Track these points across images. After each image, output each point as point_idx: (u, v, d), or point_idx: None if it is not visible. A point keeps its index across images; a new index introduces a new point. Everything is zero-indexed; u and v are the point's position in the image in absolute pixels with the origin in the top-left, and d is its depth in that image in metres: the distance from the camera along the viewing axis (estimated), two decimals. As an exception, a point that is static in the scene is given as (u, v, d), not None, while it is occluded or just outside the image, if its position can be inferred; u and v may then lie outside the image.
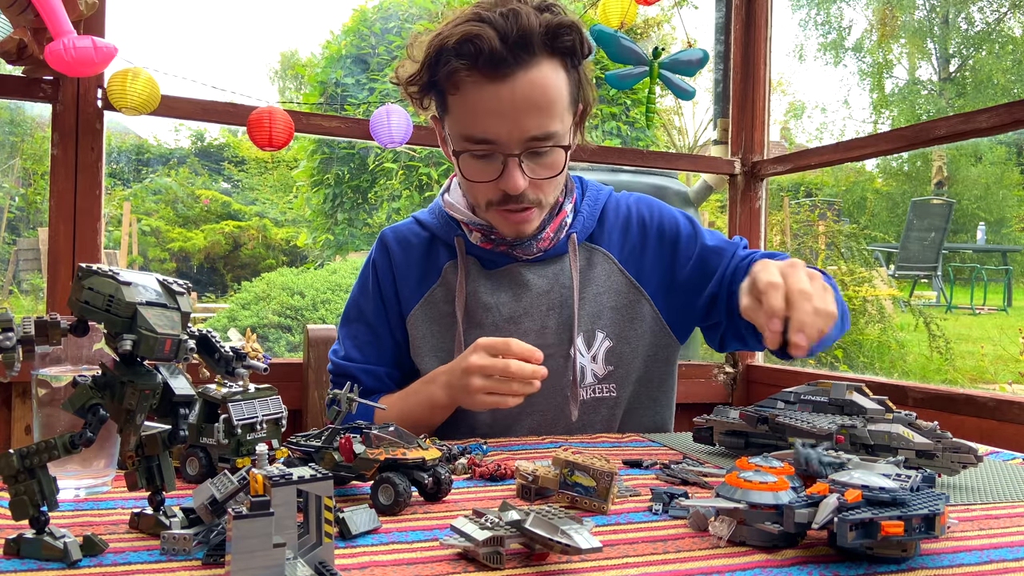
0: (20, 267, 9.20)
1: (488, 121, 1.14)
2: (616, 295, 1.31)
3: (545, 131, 1.15)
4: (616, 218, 1.36)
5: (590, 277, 1.31)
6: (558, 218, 1.29)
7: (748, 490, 0.70)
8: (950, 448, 0.90)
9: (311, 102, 7.49)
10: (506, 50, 1.10)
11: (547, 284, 1.29)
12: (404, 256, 1.34)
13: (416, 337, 1.31)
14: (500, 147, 1.15)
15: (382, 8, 7.71)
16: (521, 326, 1.28)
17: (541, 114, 1.14)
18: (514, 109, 1.12)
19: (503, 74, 1.11)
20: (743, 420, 1.03)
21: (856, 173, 17.23)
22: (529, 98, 1.12)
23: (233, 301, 5.69)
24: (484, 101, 1.13)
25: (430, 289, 1.32)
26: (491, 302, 1.28)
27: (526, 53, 1.11)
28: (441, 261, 1.32)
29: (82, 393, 0.64)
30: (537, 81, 1.12)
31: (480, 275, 1.29)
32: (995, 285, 9.90)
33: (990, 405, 1.63)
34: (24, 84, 1.63)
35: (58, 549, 0.63)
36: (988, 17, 18.69)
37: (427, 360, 1.30)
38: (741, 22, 2.38)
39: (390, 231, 1.38)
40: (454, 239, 1.31)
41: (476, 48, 1.09)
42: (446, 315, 1.30)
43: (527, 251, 1.28)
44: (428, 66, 1.16)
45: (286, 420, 0.82)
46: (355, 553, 0.66)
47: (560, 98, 1.15)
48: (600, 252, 1.33)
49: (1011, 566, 0.66)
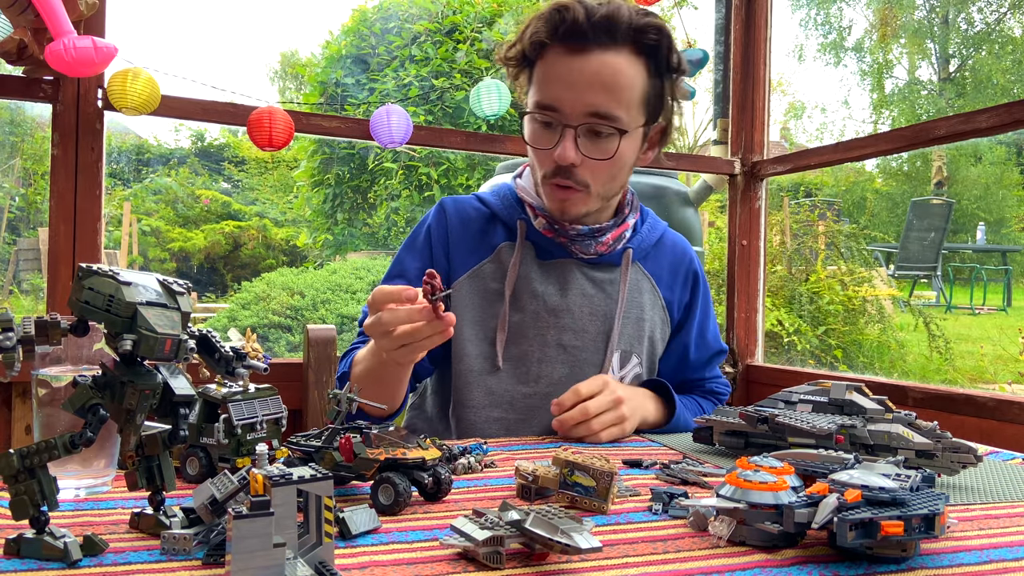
0: (20, 267, 9.20)
1: (556, 88, 1.20)
2: (658, 328, 1.38)
3: (607, 110, 1.19)
4: (671, 256, 1.42)
5: (638, 301, 1.35)
6: (620, 228, 1.33)
7: (748, 490, 0.70)
8: (950, 448, 0.90)
9: (311, 102, 7.49)
10: (588, 26, 1.17)
11: (594, 288, 1.33)
12: (461, 226, 1.36)
13: (458, 305, 1.31)
14: (562, 116, 1.20)
15: (382, 8, 7.71)
16: (561, 320, 1.31)
17: (606, 93, 1.18)
18: (582, 81, 1.18)
19: (580, 47, 1.18)
20: (743, 420, 1.03)
21: (856, 173, 17.24)
22: (598, 74, 1.18)
23: (233, 301, 5.69)
24: (557, 68, 1.20)
25: (479, 263, 1.33)
26: (539, 290, 1.31)
27: (607, 36, 1.18)
28: (496, 240, 1.34)
29: (82, 393, 0.64)
30: (610, 63, 1.18)
31: (533, 262, 1.32)
32: (995, 285, 9.90)
33: (990, 405, 1.63)
34: (24, 84, 1.63)
35: (58, 549, 0.63)
36: (988, 17, 18.70)
37: (466, 329, 1.30)
38: (741, 22, 2.38)
39: (450, 200, 1.40)
40: (516, 221, 1.33)
41: (561, 17, 1.18)
42: (491, 292, 1.31)
43: (585, 250, 1.31)
44: (521, 33, 1.24)
45: (286, 420, 0.82)
46: (355, 553, 0.67)
47: (630, 88, 1.20)
48: (648, 281, 1.38)
49: (1011, 566, 0.66)
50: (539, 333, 1.30)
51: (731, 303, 2.38)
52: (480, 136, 2.17)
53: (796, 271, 5.03)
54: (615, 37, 1.18)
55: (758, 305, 2.36)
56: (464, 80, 6.85)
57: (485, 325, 1.31)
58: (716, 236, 5.30)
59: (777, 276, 4.88)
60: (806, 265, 5.15)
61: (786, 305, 4.73)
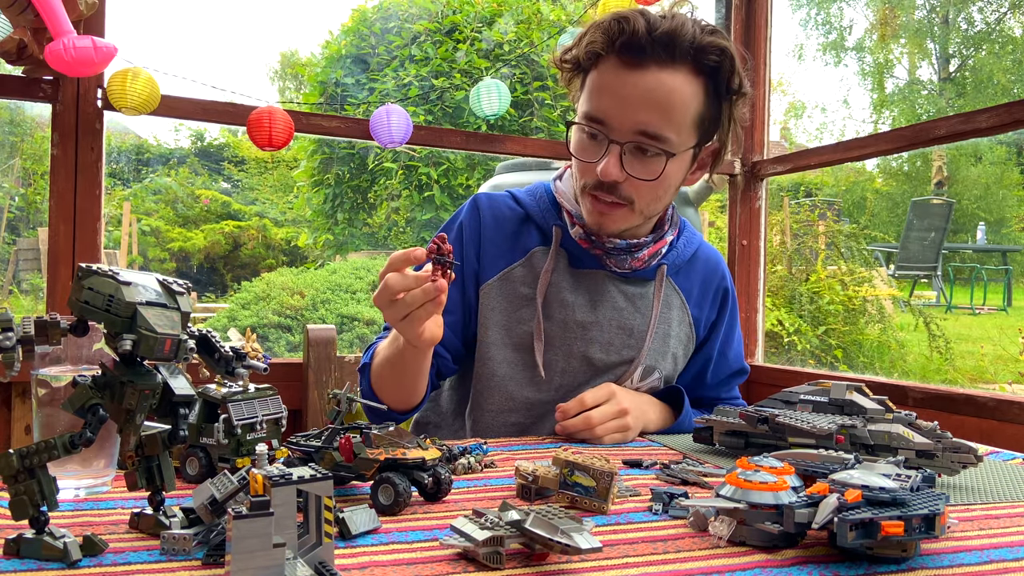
0: (20, 267, 9.20)
1: (606, 101, 1.16)
2: (682, 345, 1.36)
3: (655, 130, 1.15)
4: (703, 271, 1.40)
5: (667, 316, 1.34)
6: (657, 244, 1.31)
7: (748, 490, 0.70)
8: (950, 448, 0.90)
9: (311, 102, 7.49)
10: (647, 41, 1.12)
11: (626, 303, 1.30)
12: (495, 224, 1.32)
13: (485, 308, 1.29)
14: (609, 130, 1.16)
15: (382, 8, 7.71)
16: (589, 332, 1.28)
17: (657, 112, 1.14)
18: (633, 97, 1.14)
19: (636, 61, 1.13)
20: (743, 420, 1.03)
21: (856, 173, 17.24)
22: (651, 91, 1.13)
23: (233, 301, 5.69)
24: (610, 81, 1.16)
25: (511, 266, 1.30)
26: (569, 299, 1.28)
27: (666, 53, 1.13)
28: (530, 243, 1.31)
29: (82, 393, 0.64)
30: (666, 81, 1.13)
31: (565, 270, 1.30)
32: (995, 285, 9.90)
33: (990, 405, 1.63)
34: (24, 84, 1.63)
35: (58, 549, 0.63)
36: (988, 17, 18.70)
37: (492, 332, 1.28)
38: (741, 22, 2.38)
39: (485, 196, 1.36)
40: (552, 227, 1.30)
41: (620, 28, 1.13)
42: (520, 296, 1.29)
43: (620, 264, 1.28)
44: (580, 39, 1.19)
45: (286, 420, 0.82)
46: (355, 553, 0.66)
47: (684, 109, 1.15)
48: (678, 297, 1.36)
49: (1011, 566, 0.66)
50: (565, 343, 1.28)
51: (731, 303, 2.38)
52: (480, 136, 2.17)
53: (796, 271, 5.03)
54: (674, 55, 1.12)
55: (758, 305, 2.36)
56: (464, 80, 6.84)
57: (511, 330, 1.28)
58: (716, 236, 5.30)
59: (777, 276, 4.88)
60: (806, 265, 5.16)
61: (786, 305, 4.74)
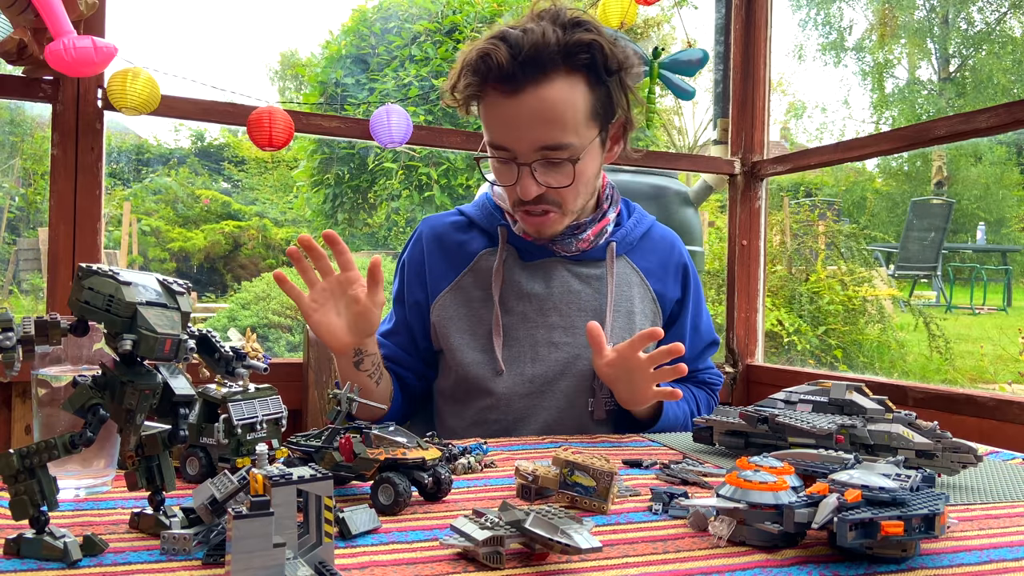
0: (20, 267, 9.20)
1: (502, 131, 1.21)
2: (648, 321, 1.38)
3: (556, 142, 1.19)
4: (659, 249, 1.42)
5: (627, 295, 1.36)
6: (600, 223, 1.34)
7: (748, 490, 0.70)
8: (950, 448, 0.90)
9: (311, 102, 7.49)
10: (516, 67, 1.15)
11: (581, 284, 1.33)
12: (436, 245, 1.38)
13: (442, 320, 1.33)
14: (513, 155, 1.21)
15: (382, 8, 7.71)
16: (549, 318, 1.32)
17: (551, 127, 1.18)
18: (523, 122, 1.18)
19: (513, 89, 1.17)
20: (743, 420, 1.03)
21: (856, 173, 17.24)
22: (538, 111, 1.17)
23: (233, 301, 5.69)
24: (498, 113, 1.21)
25: (460, 275, 1.35)
26: (525, 290, 1.32)
27: (538, 70, 1.16)
28: (475, 247, 1.36)
29: (82, 393, 0.64)
30: (547, 96, 1.16)
31: (517, 264, 1.34)
32: (995, 285, 9.90)
33: (990, 405, 1.63)
34: (24, 84, 1.63)
35: (58, 549, 0.63)
36: (988, 17, 18.68)
37: (454, 340, 1.32)
38: (741, 22, 2.38)
39: (428, 221, 1.43)
40: (497, 228, 1.35)
41: (487, 65, 1.17)
42: (476, 299, 1.33)
43: (566, 248, 1.32)
44: (456, 80, 1.24)
45: (286, 420, 0.82)
46: (355, 553, 0.67)
47: (573, 113, 1.18)
48: (637, 275, 1.38)
49: (1011, 566, 0.66)
50: (529, 333, 1.31)
51: (731, 303, 2.38)
52: (480, 136, 2.17)
53: (796, 271, 5.03)
54: (545, 68, 1.16)
55: (758, 305, 2.36)
56: (464, 80, 6.82)
57: (476, 333, 1.32)
58: (716, 236, 5.30)
59: (777, 276, 4.88)
60: (806, 265, 5.16)
61: (786, 305, 4.74)
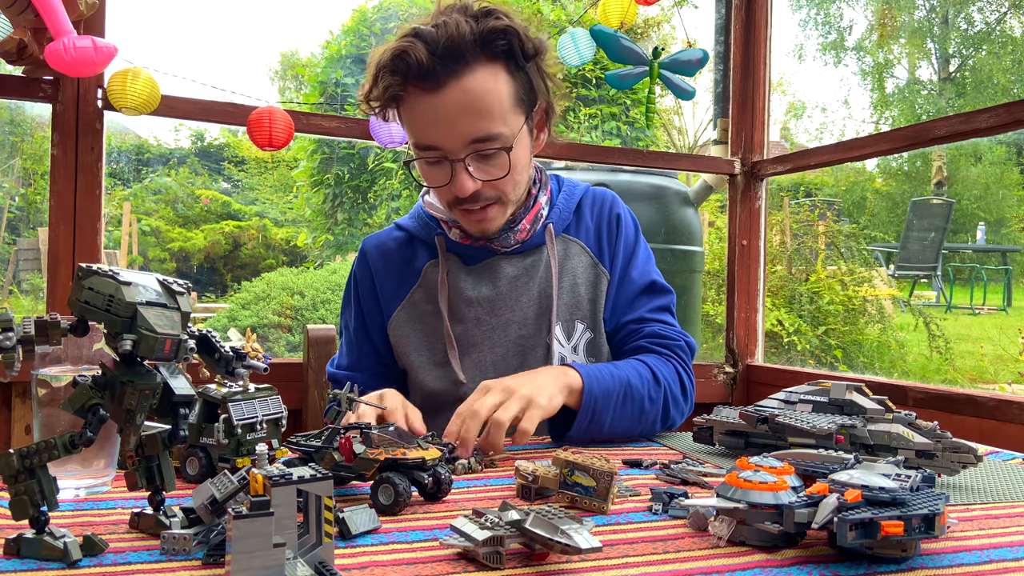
0: (20, 267, 9.20)
1: (428, 129, 1.19)
2: (592, 287, 1.34)
3: (486, 133, 1.17)
4: (591, 211, 1.39)
5: (568, 268, 1.34)
6: (533, 210, 1.32)
7: (748, 490, 0.70)
8: (950, 448, 0.90)
9: (311, 102, 7.48)
10: (435, 61, 1.14)
11: (526, 275, 1.32)
12: (384, 263, 1.37)
13: (399, 338, 1.33)
14: (445, 152, 1.19)
15: (382, 8, 7.70)
16: (502, 318, 1.31)
17: (478, 118, 1.16)
18: (449, 116, 1.16)
19: (435, 84, 1.15)
20: (743, 420, 1.03)
21: (856, 173, 17.24)
22: (463, 103, 1.15)
23: (233, 301, 5.69)
24: (421, 111, 1.18)
25: (410, 291, 1.34)
26: (472, 296, 1.31)
27: (457, 62, 1.14)
28: (421, 262, 1.35)
29: (82, 393, 0.64)
30: (470, 87, 1.15)
31: (461, 271, 1.32)
32: (995, 285, 9.90)
33: (990, 405, 1.63)
34: (24, 84, 1.63)
35: (58, 549, 0.63)
36: (988, 17, 18.68)
37: (413, 358, 1.32)
38: (741, 22, 2.38)
39: (370, 239, 1.42)
40: (434, 238, 1.34)
41: (405, 63, 1.14)
42: (428, 314, 1.32)
43: (505, 243, 1.31)
44: (373, 83, 1.21)
45: (286, 420, 0.82)
46: (355, 553, 0.67)
47: (499, 101, 1.17)
48: (576, 244, 1.36)
49: (1011, 566, 0.66)
50: (486, 336, 1.30)
51: (731, 303, 2.38)
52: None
53: (796, 271, 5.04)
54: (465, 59, 1.14)
55: (758, 305, 2.36)
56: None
57: (433, 348, 1.31)
58: (716, 236, 5.30)
59: (777, 276, 4.89)
60: (806, 265, 5.16)
61: (786, 305, 4.74)
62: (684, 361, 1.31)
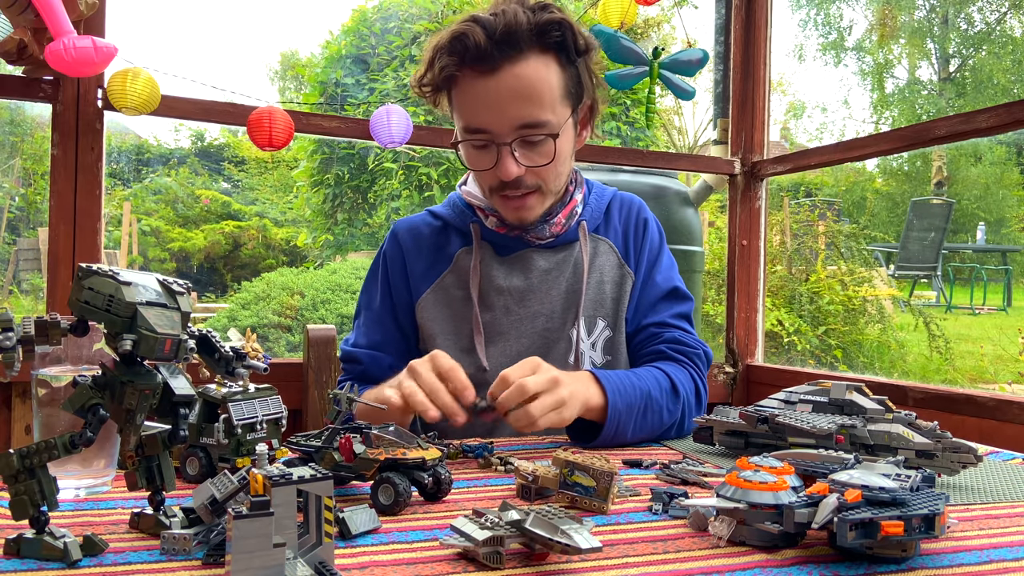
0: (20, 267, 9.20)
1: (479, 112, 1.22)
2: (617, 286, 1.37)
3: (534, 119, 1.20)
4: (620, 214, 1.43)
5: (596, 265, 1.37)
6: (569, 205, 1.35)
7: (748, 490, 0.70)
8: (950, 448, 0.90)
9: (311, 102, 7.48)
10: (492, 45, 1.17)
11: (557, 269, 1.34)
12: (415, 245, 1.39)
13: (426, 321, 1.34)
14: (493, 136, 1.22)
15: (382, 8, 7.70)
16: (530, 309, 1.32)
17: (529, 104, 1.20)
18: (501, 99, 1.19)
19: (490, 67, 1.19)
20: (743, 420, 1.03)
21: (856, 173, 17.24)
22: (515, 88, 1.19)
23: (233, 301, 5.69)
24: (475, 93, 1.21)
25: (440, 275, 1.35)
26: (503, 285, 1.32)
27: (512, 48, 1.18)
28: (453, 248, 1.36)
29: (82, 393, 0.64)
30: (523, 73, 1.19)
31: (494, 260, 1.34)
32: (995, 285, 9.90)
33: (990, 405, 1.63)
34: (24, 84, 1.63)
35: (58, 549, 0.63)
36: (988, 17, 18.68)
37: (438, 341, 1.32)
38: (741, 22, 2.38)
39: (402, 222, 1.43)
40: (469, 226, 1.35)
41: (463, 45, 1.18)
42: (457, 299, 1.33)
43: (540, 235, 1.32)
44: (428, 66, 1.25)
45: (286, 420, 0.82)
46: (355, 553, 0.67)
47: (549, 90, 1.21)
48: (605, 243, 1.39)
49: (1011, 566, 0.66)
50: (513, 326, 1.32)
51: (731, 303, 2.38)
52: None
53: (796, 271, 5.04)
54: (520, 46, 1.18)
55: (758, 305, 2.36)
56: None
57: (459, 333, 1.32)
58: (716, 236, 5.30)
59: (777, 276, 4.89)
60: (806, 265, 5.16)
61: (786, 305, 4.74)
62: (700, 370, 1.34)
